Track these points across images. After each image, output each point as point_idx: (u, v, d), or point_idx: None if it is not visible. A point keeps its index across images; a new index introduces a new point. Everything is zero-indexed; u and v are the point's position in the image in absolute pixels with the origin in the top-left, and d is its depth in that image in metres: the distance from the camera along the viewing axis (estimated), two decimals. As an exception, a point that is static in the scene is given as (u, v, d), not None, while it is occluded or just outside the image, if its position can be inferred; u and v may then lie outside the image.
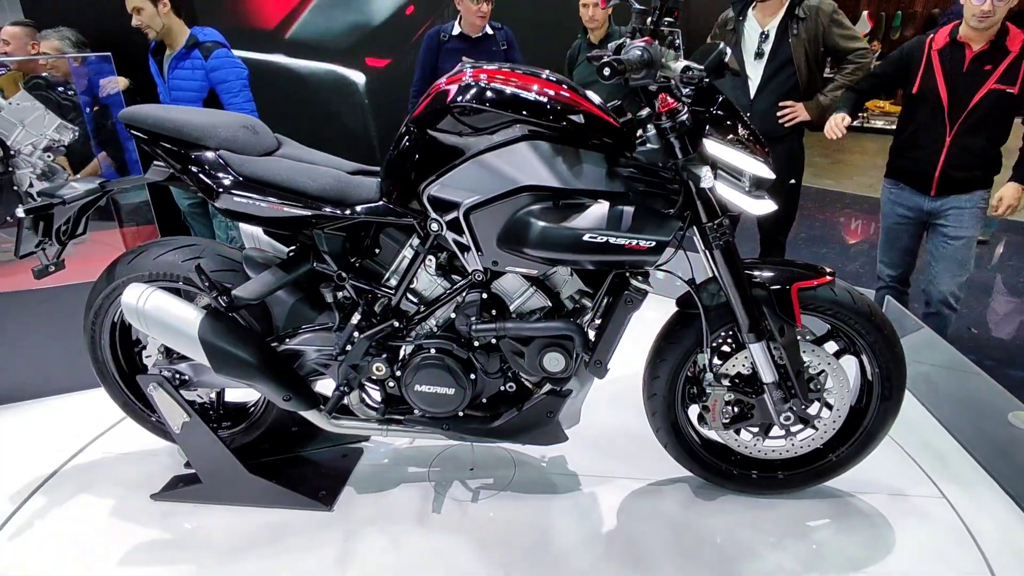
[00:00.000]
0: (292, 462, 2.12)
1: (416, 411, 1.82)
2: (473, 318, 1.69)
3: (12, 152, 2.34)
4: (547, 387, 1.80)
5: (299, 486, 1.98)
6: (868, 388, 1.84)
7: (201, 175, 1.66)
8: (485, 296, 1.69)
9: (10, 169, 2.32)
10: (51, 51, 3.01)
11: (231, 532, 1.87)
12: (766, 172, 1.55)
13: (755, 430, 1.88)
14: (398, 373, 1.77)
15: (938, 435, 2.34)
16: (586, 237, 1.50)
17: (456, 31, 3.46)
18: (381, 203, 1.67)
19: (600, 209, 1.52)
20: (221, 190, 1.64)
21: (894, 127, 2.79)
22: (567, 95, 1.51)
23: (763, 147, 1.56)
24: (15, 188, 2.35)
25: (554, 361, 1.69)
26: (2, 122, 2.36)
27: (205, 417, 1.97)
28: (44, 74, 2.66)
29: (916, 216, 2.63)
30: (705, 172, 1.46)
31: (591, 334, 1.70)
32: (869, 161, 7.34)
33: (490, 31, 3.49)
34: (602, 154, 1.55)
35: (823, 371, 1.78)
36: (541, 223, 1.52)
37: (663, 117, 1.47)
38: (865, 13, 10.70)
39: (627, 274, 1.60)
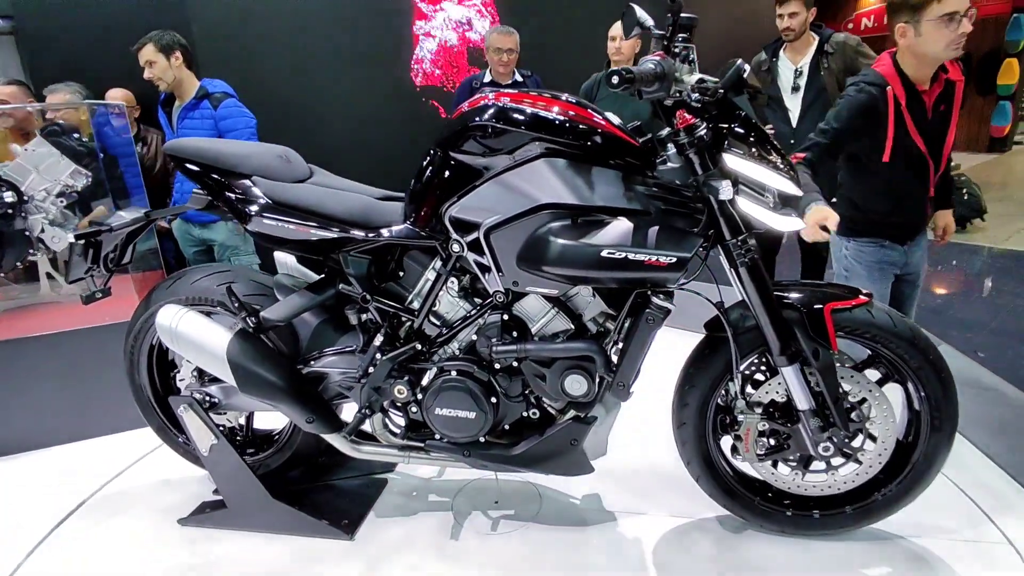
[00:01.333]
0: (318, 490, 2.11)
1: (437, 436, 1.80)
2: (494, 340, 1.67)
3: (26, 198, 2.39)
4: (571, 413, 1.76)
5: (323, 514, 1.97)
6: (916, 419, 1.72)
7: (235, 200, 1.73)
8: (506, 317, 1.68)
9: (23, 215, 2.36)
10: (60, 103, 3.08)
11: (253, 558, 1.86)
12: (792, 188, 1.51)
13: (793, 463, 1.77)
14: (419, 396, 1.76)
15: (990, 471, 2.16)
16: (604, 253, 1.48)
17: (487, 79, 3.66)
18: (405, 226, 1.69)
19: (619, 226, 1.51)
20: (253, 213, 1.71)
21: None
22: (584, 115, 1.53)
23: (788, 164, 1.52)
24: (27, 234, 2.39)
25: (576, 384, 1.65)
26: (17, 168, 2.41)
27: (233, 442, 2.00)
28: (60, 121, 2.71)
29: (897, 270, 2.27)
30: (724, 185, 1.44)
31: (614, 357, 1.66)
32: None
33: (520, 78, 3.66)
34: (621, 172, 1.55)
35: (864, 399, 1.68)
36: (560, 240, 1.51)
37: (681, 133, 1.47)
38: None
39: (648, 292, 1.56)
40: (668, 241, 1.49)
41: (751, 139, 1.49)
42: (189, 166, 1.78)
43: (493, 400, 1.72)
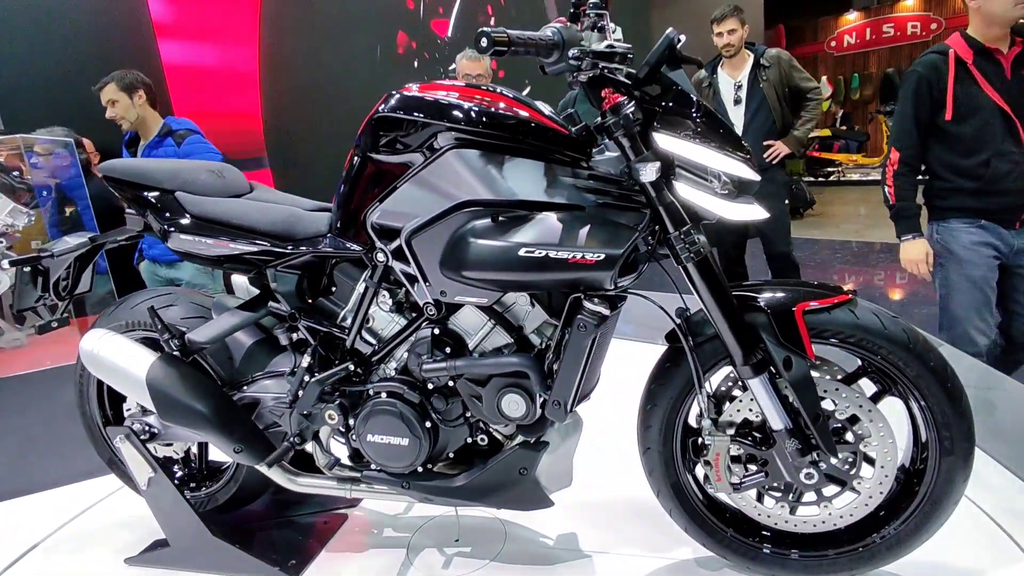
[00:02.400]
0: (270, 527, 1.97)
1: (373, 466, 1.64)
2: (424, 357, 1.52)
3: None
4: (519, 439, 1.57)
5: (270, 553, 1.82)
6: (921, 441, 1.45)
7: (155, 217, 1.65)
8: (437, 332, 1.52)
9: None
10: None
11: (187, 601, 1.73)
12: (745, 172, 1.31)
13: (778, 494, 1.52)
14: (352, 422, 1.61)
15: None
16: (522, 252, 1.31)
17: None
18: (329, 236, 1.57)
19: (544, 223, 1.34)
20: (172, 230, 1.63)
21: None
22: (501, 101, 1.38)
23: (741, 146, 1.33)
24: None
25: (513, 404, 1.46)
26: None
27: (176, 474, 1.89)
28: (-2, 160, 2.66)
29: (1003, 257, 2.16)
30: (648, 167, 1.25)
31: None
32: (851, 211, 7.98)
33: None
34: (549, 164, 1.38)
35: (855, 417, 1.43)
36: (478, 241, 1.35)
37: (608, 114, 1.30)
38: (824, 78, 11.73)
39: (583, 297, 1.37)
40: (596, 237, 1.31)
41: (690, 117, 1.30)
42: (118, 186, 1.72)
43: (428, 425, 1.55)
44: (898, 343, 1.36)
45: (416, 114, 1.36)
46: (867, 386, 1.46)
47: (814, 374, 1.44)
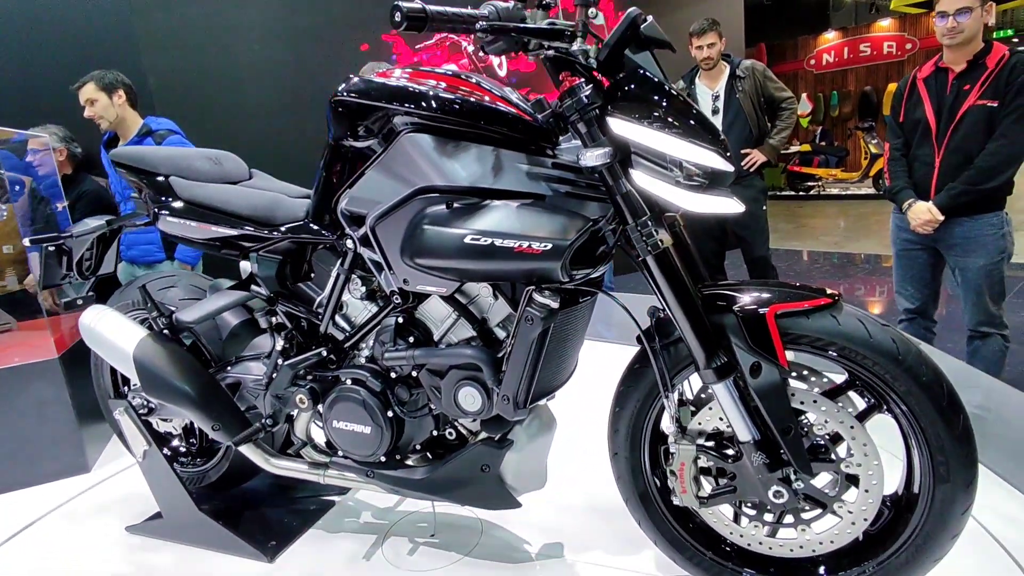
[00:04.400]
0: (254, 508, 2.02)
1: (340, 452, 1.64)
2: (388, 345, 1.50)
3: None
4: (482, 435, 1.52)
5: (251, 533, 1.86)
6: (912, 466, 1.29)
7: (148, 200, 1.72)
8: (401, 321, 1.50)
9: None
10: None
11: (170, 571, 1.79)
12: (716, 161, 1.22)
13: (751, 512, 1.40)
14: (320, 408, 1.61)
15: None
16: (467, 240, 1.27)
17: None
18: (303, 222, 1.59)
19: (495, 210, 1.29)
20: (162, 212, 1.69)
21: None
22: (459, 85, 1.34)
23: (714, 135, 1.23)
24: None
25: (469, 398, 1.42)
26: None
27: (177, 450, 1.97)
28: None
29: (922, 241, 2.57)
30: (594, 153, 1.18)
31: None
32: (831, 223, 8.30)
33: None
34: (512, 151, 1.33)
35: (835, 434, 1.29)
36: (431, 228, 1.32)
37: (564, 98, 1.23)
38: (804, 95, 12.13)
39: (533, 288, 1.31)
40: (546, 226, 1.25)
41: (654, 102, 1.22)
42: (124, 171, 1.81)
43: (390, 414, 1.53)
44: (885, 354, 1.22)
45: (370, 98, 1.34)
46: (860, 402, 1.32)
47: (800, 385, 1.33)
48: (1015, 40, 15.41)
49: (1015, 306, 4.14)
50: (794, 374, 1.33)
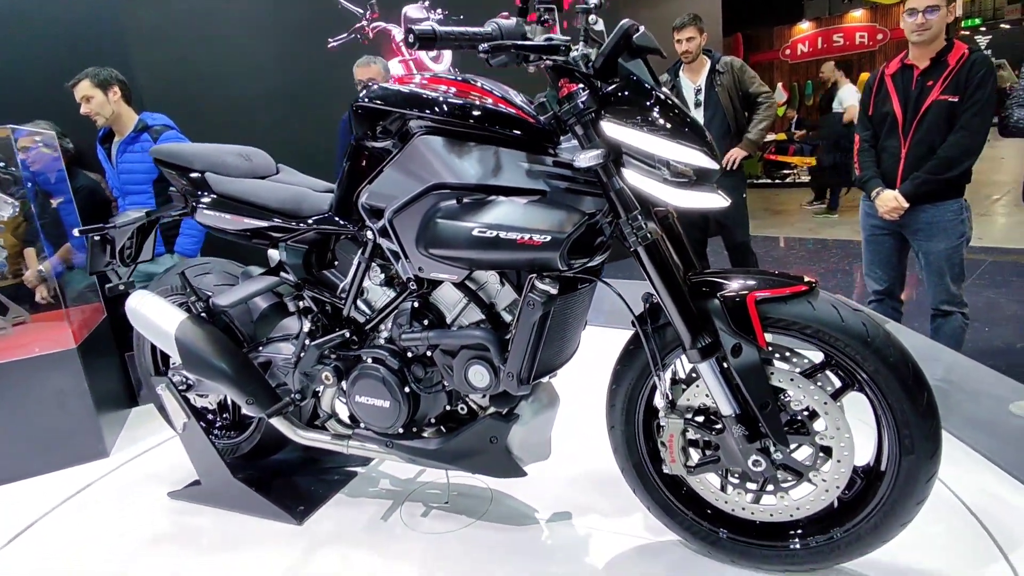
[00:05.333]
0: (285, 477, 2.19)
1: (362, 425, 1.80)
2: (404, 327, 1.65)
3: None
4: (491, 409, 1.67)
5: (281, 499, 2.04)
6: (881, 439, 1.41)
7: (185, 194, 1.88)
8: (416, 305, 1.65)
9: None
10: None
11: (214, 531, 1.97)
12: (702, 160, 1.33)
13: (735, 480, 1.53)
14: (343, 384, 1.77)
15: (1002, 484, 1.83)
16: (475, 232, 1.40)
17: None
18: (328, 215, 1.73)
19: (500, 205, 1.42)
20: (197, 205, 1.85)
21: None
22: (467, 90, 1.47)
23: (701, 135, 1.35)
24: None
25: (478, 375, 1.57)
26: None
27: (213, 422, 2.14)
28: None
29: (889, 226, 2.71)
30: (588, 154, 1.30)
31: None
32: (805, 210, 8.52)
33: None
34: (516, 151, 1.46)
35: (810, 409, 1.41)
36: (443, 221, 1.46)
37: (563, 103, 1.36)
38: (780, 85, 12.36)
39: (535, 276, 1.44)
40: (547, 220, 1.38)
41: (644, 106, 1.34)
42: (164, 167, 1.97)
43: (407, 390, 1.68)
44: (855, 336, 1.34)
45: (387, 104, 1.48)
46: (836, 380, 1.44)
47: (781, 365, 1.45)
48: (983, 29, 15.49)
49: (974, 287, 4.35)
50: (776, 355, 1.46)
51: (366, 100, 1.51)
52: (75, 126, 3.19)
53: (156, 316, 1.91)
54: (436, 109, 1.44)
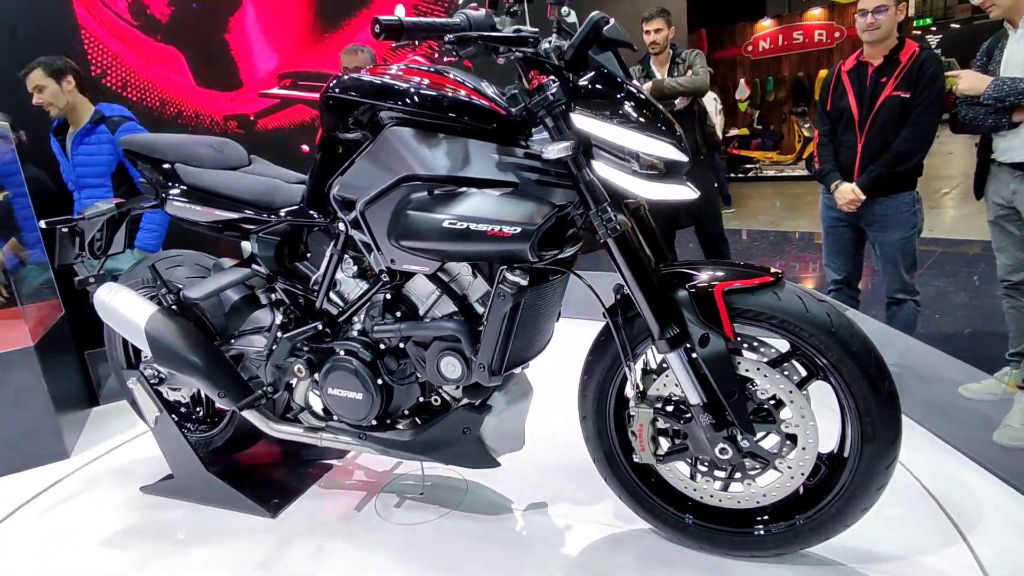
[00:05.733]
0: (259, 470, 2.19)
1: (335, 417, 1.79)
2: (377, 318, 1.65)
3: None
4: (464, 401, 1.68)
5: (255, 492, 2.03)
6: (844, 426, 1.45)
7: (156, 185, 1.86)
8: (389, 297, 1.65)
9: None
10: None
11: (188, 526, 1.96)
12: (671, 153, 1.35)
13: (704, 468, 1.56)
14: (316, 377, 1.77)
15: (964, 468, 1.95)
16: (446, 224, 1.41)
17: None
18: (299, 206, 1.72)
19: (471, 197, 1.42)
20: (167, 197, 1.83)
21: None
22: (437, 81, 1.47)
23: (671, 128, 1.36)
24: None
25: (450, 366, 1.57)
26: None
27: (188, 416, 2.13)
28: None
29: (847, 218, 2.79)
30: (556, 146, 1.31)
31: None
32: (768, 204, 8.80)
33: None
34: (487, 142, 1.46)
35: (776, 398, 1.44)
36: (413, 213, 1.46)
37: (533, 95, 1.36)
38: (742, 80, 12.77)
39: (505, 268, 1.45)
40: (517, 212, 1.38)
41: (614, 98, 1.35)
42: (133, 158, 1.94)
43: (380, 382, 1.68)
44: (819, 326, 1.37)
45: (358, 95, 1.47)
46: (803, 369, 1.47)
47: (749, 355, 1.48)
48: (933, 28, 16.09)
49: (926, 276, 4.54)
50: (745, 344, 1.49)
51: (336, 91, 1.50)
52: (26, 116, 2.99)
53: (126, 309, 1.88)
54: (407, 100, 1.43)
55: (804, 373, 1.47)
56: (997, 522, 1.69)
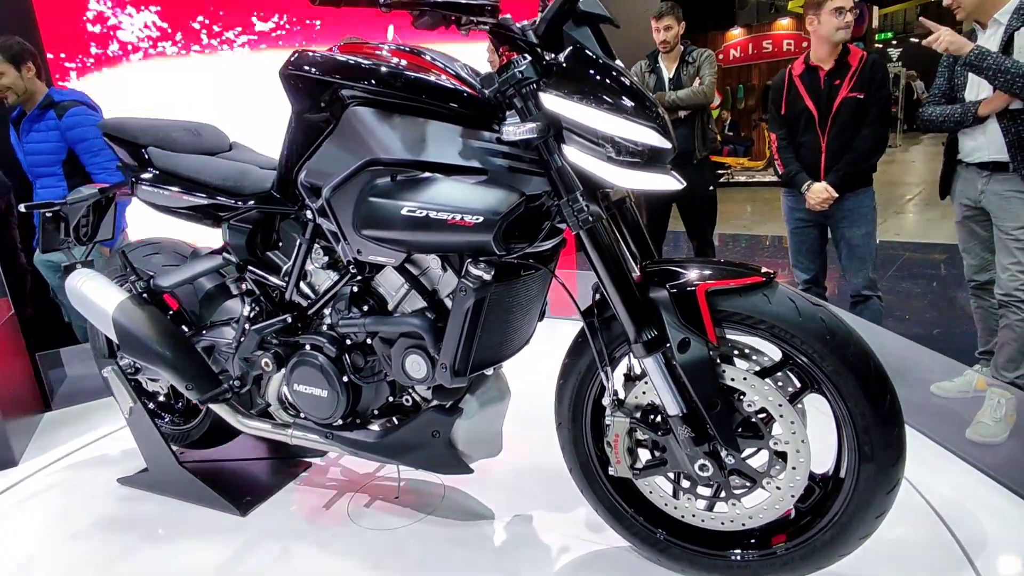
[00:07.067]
0: (233, 467, 2.12)
1: (302, 415, 1.71)
2: (343, 312, 1.56)
3: None
4: (434, 402, 1.58)
5: (228, 489, 1.96)
6: (841, 444, 1.30)
7: (127, 169, 1.80)
8: (356, 290, 1.55)
9: None
10: None
11: (160, 520, 1.90)
12: (653, 139, 1.23)
13: (686, 484, 1.43)
14: (283, 372, 1.69)
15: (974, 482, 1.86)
16: (405, 211, 1.30)
17: None
18: (268, 192, 1.64)
19: (435, 183, 1.32)
20: (136, 181, 1.76)
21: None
22: (402, 59, 1.37)
23: (653, 112, 1.24)
24: None
25: (415, 365, 1.47)
26: None
27: (166, 408, 2.08)
28: None
29: (813, 219, 2.86)
30: (521, 128, 1.20)
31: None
32: (740, 209, 8.92)
33: None
34: (455, 125, 1.36)
35: (765, 411, 1.31)
36: (374, 200, 1.36)
37: (501, 72, 1.25)
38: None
39: (470, 261, 1.34)
40: (481, 200, 1.27)
41: (588, 78, 1.23)
42: (109, 140, 1.88)
43: (346, 379, 1.59)
44: (813, 333, 1.23)
45: (316, 71, 1.38)
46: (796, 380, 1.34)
47: (741, 364, 1.35)
48: (894, 42, 16.31)
49: (893, 278, 4.78)
50: (736, 352, 1.35)
51: (290, 68, 1.41)
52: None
53: (95, 296, 1.83)
54: (366, 78, 1.34)
55: (798, 385, 1.33)
56: (975, 508, 1.71)
